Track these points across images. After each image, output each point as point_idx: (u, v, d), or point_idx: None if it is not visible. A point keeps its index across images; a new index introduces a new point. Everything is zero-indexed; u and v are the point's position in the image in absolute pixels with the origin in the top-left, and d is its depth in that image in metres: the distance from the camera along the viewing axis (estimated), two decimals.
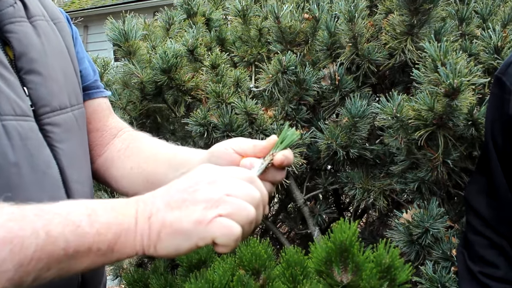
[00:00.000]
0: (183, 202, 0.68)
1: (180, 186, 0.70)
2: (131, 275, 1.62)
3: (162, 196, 0.71)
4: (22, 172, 0.82)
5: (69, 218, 0.67)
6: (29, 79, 0.89)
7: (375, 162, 1.70)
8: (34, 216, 0.66)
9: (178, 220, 0.67)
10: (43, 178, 0.86)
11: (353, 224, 0.97)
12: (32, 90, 0.89)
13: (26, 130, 0.85)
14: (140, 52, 1.91)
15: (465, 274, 1.38)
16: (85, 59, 1.10)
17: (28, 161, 0.84)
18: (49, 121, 0.91)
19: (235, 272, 1.07)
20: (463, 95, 1.31)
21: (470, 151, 1.52)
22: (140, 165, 1.02)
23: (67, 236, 0.66)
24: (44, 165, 0.87)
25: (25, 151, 0.84)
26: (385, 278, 0.97)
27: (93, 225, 0.67)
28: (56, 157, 0.90)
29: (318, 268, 0.99)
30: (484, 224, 1.37)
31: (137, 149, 1.06)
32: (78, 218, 0.67)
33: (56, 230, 0.66)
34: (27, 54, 0.89)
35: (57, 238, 0.65)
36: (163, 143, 1.07)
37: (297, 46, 1.82)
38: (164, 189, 0.72)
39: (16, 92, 0.85)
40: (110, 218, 0.68)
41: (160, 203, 0.69)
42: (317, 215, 1.79)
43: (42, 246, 0.65)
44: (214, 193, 0.68)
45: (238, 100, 1.64)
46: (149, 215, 0.69)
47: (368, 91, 1.70)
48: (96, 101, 1.11)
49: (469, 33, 1.68)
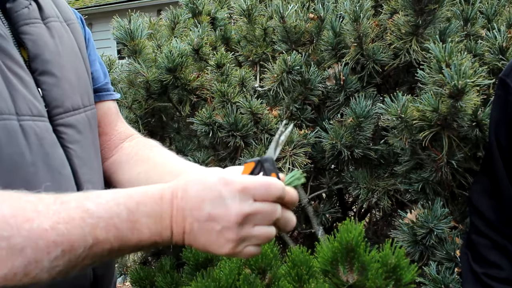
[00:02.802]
0: (215, 234, 0.73)
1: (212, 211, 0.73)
2: (137, 272, 1.63)
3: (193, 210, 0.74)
4: (38, 172, 0.84)
5: (113, 224, 0.73)
6: (43, 80, 0.90)
7: (380, 162, 1.70)
8: (80, 219, 0.71)
9: (210, 248, 0.75)
10: (58, 178, 0.88)
11: (359, 224, 0.98)
12: (46, 91, 0.90)
13: (42, 130, 0.86)
14: (145, 51, 1.92)
15: (468, 275, 1.39)
16: (96, 61, 1.11)
17: (44, 161, 0.85)
18: (62, 122, 0.92)
19: (241, 271, 1.08)
20: (468, 96, 1.31)
21: (474, 152, 1.53)
22: (148, 172, 1.02)
23: (111, 240, 0.73)
24: (59, 165, 0.88)
25: (41, 151, 0.85)
26: (391, 278, 0.98)
27: (134, 234, 0.74)
28: (68, 157, 0.91)
29: (324, 267, 1.00)
30: (488, 225, 1.38)
31: (146, 156, 1.07)
32: (121, 225, 0.73)
33: (102, 235, 0.72)
34: (41, 56, 0.90)
35: (103, 242, 0.72)
36: (174, 155, 1.07)
37: (302, 45, 1.83)
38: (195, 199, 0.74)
39: (32, 93, 0.86)
40: (150, 228, 0.75)
41: (193, 221, 0.74)
42: (321, 214, 1.79)
43: (90, 248, 0.71)
44: (243, 232, 0.73)
45: (243, 100, 1.65)
46: (183, 231, 0.75)
47: (373, 91, 1.71)
48: (106, 104, 1.11)
49: (474, 33, 1.68)
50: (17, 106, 0.82)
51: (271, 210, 0.74)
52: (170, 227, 0.75)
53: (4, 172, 0.80)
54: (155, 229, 0.74)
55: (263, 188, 0.73)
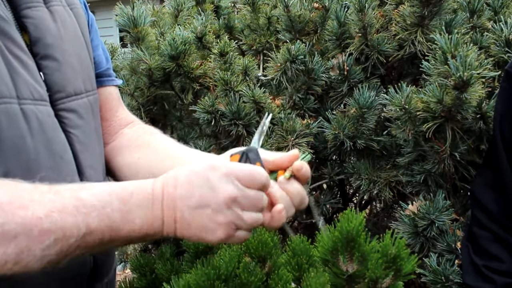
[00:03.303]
0: (206, 219, 0.76)
1: (202, 194, 0.75)
2: (137, 260, 1.63)
3: (185, 199, 0.76)
4: (40, 156, 0.84)
5: (105, 213, 0.73)
6: (44, 64, 0.90)
7: (382, 154, 1.70)
8: (73, 208, 0.72)
9: (202, 235, 0.77)
10: (60, 162, 0.87)
11: (359, 214, 0.97)
12: (48, 75, 0.90)
13: (44, 115, 0.86)
14: (148, 39, 1.90)
15: (469, 267, 1.39)
16: (99, 46, 1.10)
17: (45, 145, 0.85)
18: (64, 106, 0.92)
19: (241, 259, 1.08)
20: (473, 88, 1.31)
21: (477, 145, 1.52)
22: (148, 157, 1.03)
23: (103, 229, 0.73)
24: (60, 149, 0.88)
25: (43, 135, 0.85)
26: (391, 268, 0.97)
27: (126, 224, 0.75)
28: (70, 142, 0.91)
29: (324, 257, 1.00)
30: (490, 218, 1.38)
31: (147, 142, 1.07)
32: (113, 214, 0.74)
33: (94, 224, 0.73)
34: (43, 39, 0.90)
35: (95, 231, 0.73)
36: (175, 141, 1.08)
37: (306, 35, 1.82)
38: (186, 186, 0.76)
39: (33, 77, 0.85)
40: (142, 218, 0.76)
41: (184, 209, 0.76)
42: (322, 205, 1.79)
43: (82, 237, 0.72)
44: (232, 216, 0.76)
45: (246, 88, 1.64)
46: (174, 220, 0.76)
47: (377, 82, 1.70)
48: (107, 89, 1.11)
49: (480, 25, 1.66)
50: (18, 90, 0.82)
51: (257, 196, 0.77)
52: (162, 216, 0.76)
53: (5, 156, 0.79)
54: (146, 219, 0.75)
55: (247, 173, 0.77)
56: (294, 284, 1.05)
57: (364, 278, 0.99)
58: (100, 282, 1.02)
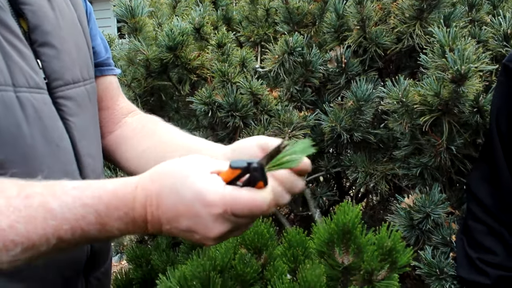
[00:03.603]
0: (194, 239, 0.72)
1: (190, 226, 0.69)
2: (133, 251, 1.64)
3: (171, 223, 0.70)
4: (36, 144, 0.83)
5: (78, 226, 0.69)
6: (42, 52, 0.89)
7: (379, 146, 1.70)
8: (42, 220, 0.68)
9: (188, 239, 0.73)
10: (56, 150, 0.87)
11: (356, 206, 0.98)
12: (46, 63, 0.89)
13: (40, 103, 0.85)
14: (146, 29, 1.90)
15: (463, 260, 1.40)
16: (97, 36, 1.10)
17: (42, 133, 0.84)
18: (62, 94, 0.91)
19: (237, 251, 1.08)
20: (470, 82, 1.30)
21: (474, 138, 1.52)
22: (156, 148, 1.01)
23: (77, 240, 0.70)
24: (57, 137, 0.88)
25: (39, 123, 0.84)
26: (386, 260, 0.98)
27: (104, 234, 0.71)
28: (68, 130, 0.91)
29: (320, 249, 1.00)
30: (485, 211, 1.38)
31: (153, 131, 1.05)
32: (88, 227, 0.70)
33: (67, 236, 0.69)
34: (41, 27, 0.89)
35: (68, 241, 0.69)
36: (180, 130, 1.05)
37: (305, 27, 1.81)
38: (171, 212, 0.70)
39: (29, 65, 0.85)
40: (123, 230, 0.72)
41: (172, 229, 0.71)
42: (318, 197, 1.79)
43: (54, 247, 0.69)
44: (222, 239, 0.71)
45: (243, 80, 1.64)
46: (160, 231, 0.72)
47: (374, 75, 1.70)
48: (107, 79, 1.11)
49: (479, 19, 1.66)
50: (13, 78, 0.81)
51: (251, 222, 0.74)
52: (145, 228, 0.72)
53: (1, 144, 0.79)
54: (127, 230, 0.72)
55: (246, 209, 0.67)
56: (289, 276, 1.06)
57: (360, 270, 0.99)
58: (97, 270, 1.02)
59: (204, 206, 0.67)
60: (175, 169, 0.71)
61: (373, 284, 1.00)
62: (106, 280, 1.09)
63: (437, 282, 1.41)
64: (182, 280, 0.99)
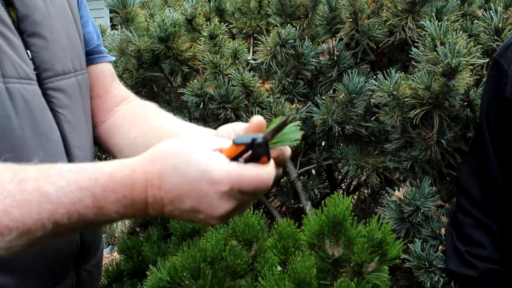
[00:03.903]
0: (197, 220, 0.71)
1: (195, 206, 0.69)
2: (124, 242, 1.64)
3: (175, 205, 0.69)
4: (25, 136, 0.82)
5: (75, 210, 0.68)
6: (32, 42, 0.87)
7: (370, 140, 1.70)
8: (37, 204, 0.66)
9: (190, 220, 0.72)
10: (46, 142, 0.86)
11: (346, 198, 0.98)
12: (35, 53, 0.87)
13: (30, 94, 0.84)
14: (138, 20, 1.88)
15: (452, 253, 1.41)
16: (89, 23, 1.08)
17: (31, 125, 0.83)
18: (52, 85, 0.90)
19: (227, 242, 1.09)
20: (461, 75, 1.31)
21: (464, 132, 1.53)
22: (146, 135, 0.99)
23: (74, 224, 0.69)
24: (47, 129, 0.87)
25: (28, 114, 0.83)
26: (376, 252, 0.99)
27: (101, 217, 0.69)
28: (58, 122, 0.90)
29: (310, 241, 1.01)
30: (474, 204, 1.39)
31: (144, 118, 1.04)
32: (85, 211, 0.68)
33: (63, 221, 0.67)
34: (30, 16, 0.87)
35: (64, 226, 0.68)
36: (172, 116, 1.04)
37: (297, 19, 1.81)
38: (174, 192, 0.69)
39: (19, 55, 0.84)
40: (121, 213, 0.70)
41: (175, 210, 0.70)
42: (310, 190, 1.80)
43: (50, 231, 0.68)
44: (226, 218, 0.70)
45: (235, 72, 1.63)
46: (161, 213, 0.71)
47: (366, 68, 1.70)
48: (99, 66, 1.09)
49: (470, 13, 1.67)
50: (3, 68, 0.80)
51: (254, 199, 0.73)
52: (145, 211, 0.71)
53: None
54: (125, 213, 0.71)
55: (252, 186, 0.67)
56: (280, 267, 1.06)
57: (350, 262, 1.00)
58: (87, 263, 1.02)
59: (209, 184, 0.67)
60: (177, 148, 0.70)
61: (363, 276, 1.01)
62: (97, 272, 1.09)
63: (426, 274, 1.42)
64: (173, 271, 0.99)
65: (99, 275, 1.13)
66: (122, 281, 1.61)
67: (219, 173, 0.67)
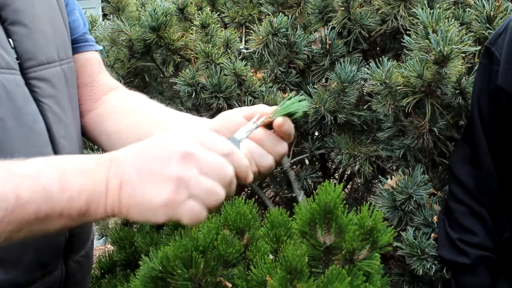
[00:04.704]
0: (154, 175, 0.65)
1: (154, 152, 0.67)
2: (117, 233, 1.64)
3: (134, 161, 0.67)
4: (7, 126, 0.81)
5: (39, 183, 0.65)
6: (13, 31, 0.85)
7: (362, 128, 1.70)
8: (3, 178, 0.65)
9: (147, 197, 0.65)
10: (30, 133, 0.85)
11: (338, 186, 0.98)
12: (17, 42, 0.85)
13: (12, 84, 0.82)
14: (129, 9, 1.87)
15: (444, 241, 1.42)
16: (75, 10, 1.06)
17: (14, 115, 0.82)
18: (35, 75, 0.88)
19: (219, 231, 1.08)
20: (453, 63, 1.31)
21: (456, 120, 1.54)
22: (138, 123, 0.98)
23: (37, 201, 0.65)
24: (31, 120, 0.85)
25: (11, 105, 0.81)
26: (367, 240, 0.99)
27: (64, 192, 0.66)
28: (42, 112, 0.88)
29: (302, 229, 1.00)
30: (466, 192, 1.40)
31: (135, 107, 1.03)
32: (48, 182, 0.66)
33: (26, 195, 0.64)
34: (11, 4, 0.85)
35: (27, 202, 0.64)
36: (164, 106, 1.03)
37: (289, 8, 1.80)
38: (138, 150, 0.69)
39: (1, 44, 0.82)
40: (81, 184, 0.67)
41: (132, 171, 0.66)
42: (303, 179, 1.80)
43: (12, 210, 0.64)
44: (186, 171, 0.64)
45: (227, 61, 1.62)
46: (120, 183, 0.67)
47: (359, 57, 1.69)
48: (85, 55, 1.07)
49: (462, 1, 1.66)
50: None
51: (219, 161, 0.65)
52: (106, 180, 0.67)
53: None
54: (86, 184, 0.67)
55: (208, 137, 0.67)
56: (272, 256, 1.06)
57: (341, 250, 1.00)
58: (76, 254, 1.01)
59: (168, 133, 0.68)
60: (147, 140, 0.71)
61: (354, 264, 1.01)
62: (87, 263, 1.08)
63: (418, 262, 1.43)
64: (165, 260, 0.99)
65: (90, 266, 1.13)
66: (114, 272, 1.61)
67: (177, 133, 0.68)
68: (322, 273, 0.97)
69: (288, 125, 0.75)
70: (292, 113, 0.75)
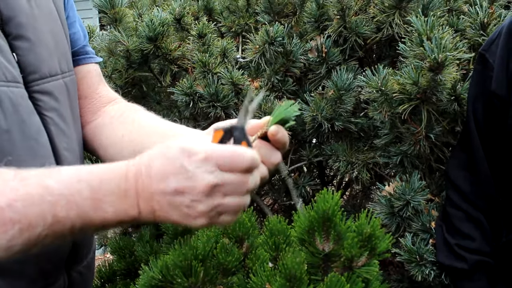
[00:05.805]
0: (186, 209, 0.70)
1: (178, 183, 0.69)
2: (116, 242, 1.63)
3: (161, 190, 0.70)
4: (13, 139, 0.82)
5: (73, 201, 0.69)
6: (17, 45, 0.86)
7: (360, 135, 1.72)
8: (39, 197, 0.68)
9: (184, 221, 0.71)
10: (35, 145, 0.86)
11: (336, 194, 0.99)
12: (21, 56, 0.86)
13: (17, 97, 0.83)
14: (126, 20, 1.88)
15: (442, 246, 1.43)
16: (75, 23, 1.07)
17: (19, 128, 0.83)
18: (38, 88, 0.89)
19: (218, 240, 1.09)
20: (447, 70, 1.32)
21: (452, 126, 1.55)
22: (132, 134, 1.00)
23: (72, 219, 0.70)
24: (35, 132, 0.86)
25: (16, 117, 0.82)
26: (366, 247, 0.99)
27: (98, 212, 0.71)
28: (45, 125, 0.89)
29: (301, 236, 1.01)
30: (463, 198, 1.41)
31: (131, 119, 1.04)
32: (83, 203, 0.70)
33: (62, 214, 0.69)
34: (14, 18, 0.86)
35: (63, 220, 0.69)
36: (159, 118, 1.05)
37: (285, 17, 1.82)
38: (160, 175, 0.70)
39: (6, 57, 0.83)
40: (116, 208, 0.71)
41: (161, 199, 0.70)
42: (301, 186, 1.81)
43: (49, 226, 0.69)
44: (214, 201, 0.70)
45: (224, 70, 1.64)
46: (152, 210, 0.72)
47: (355, 65, 1.71)
48: (85, 67, 1.08)
49: (456, 8, 1.68)
50: None
51: (240, 181, 0.70)
52: (137, 205, 0.71)
53: None
54: (120, 207, 0.71)
55: (227, 158, 0.69)
56: (271, 264, 1.07)
57: (340, 257, 1.01)
58: (79, 265, 1.02)
59: (188, 156, 0.69)
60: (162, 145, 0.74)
61: (353, 271, 1.01)
62: (89, 274, 1.09)
63: (417, 268, 1.43)
64: (164, 269, 1.00)
65: (92, 277, 1.13)
66: (114, 281, 1.61)
67: (196, 145, 0.70)
68: (321, 280, 0.98)
69: (282, 134, 0.78)
70: (286, 119, 0.77)
